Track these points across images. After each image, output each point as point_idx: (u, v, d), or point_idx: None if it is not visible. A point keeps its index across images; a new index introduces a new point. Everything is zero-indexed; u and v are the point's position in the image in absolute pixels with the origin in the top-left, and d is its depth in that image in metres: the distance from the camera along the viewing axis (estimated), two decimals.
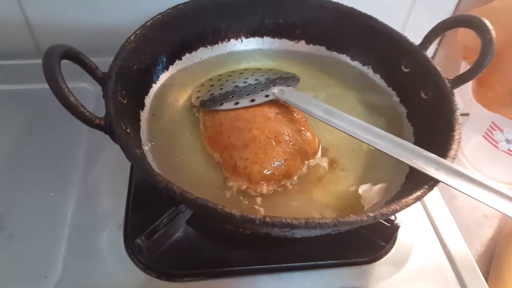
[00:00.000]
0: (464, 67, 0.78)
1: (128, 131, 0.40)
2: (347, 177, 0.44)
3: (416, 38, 0.50)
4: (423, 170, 0.36)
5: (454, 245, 0.46)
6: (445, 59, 0.77)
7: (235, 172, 0.41)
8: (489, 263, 0.61)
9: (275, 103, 0.46)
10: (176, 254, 0.43)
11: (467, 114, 0.70)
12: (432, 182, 0.35)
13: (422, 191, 0.34)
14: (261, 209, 0.40)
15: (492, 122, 0.66)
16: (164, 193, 0.35)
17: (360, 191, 0.42)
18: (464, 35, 0.55)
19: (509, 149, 0.65)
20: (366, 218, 0.31)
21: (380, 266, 0.44)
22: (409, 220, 0.48)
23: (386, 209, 0.32)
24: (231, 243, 0.44)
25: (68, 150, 0.52)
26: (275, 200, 0.41)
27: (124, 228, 0.45)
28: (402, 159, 0.37)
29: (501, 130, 0.65)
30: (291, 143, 0.43)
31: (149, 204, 0.46)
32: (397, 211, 0.33)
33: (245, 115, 0.44)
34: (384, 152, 0.38)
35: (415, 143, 0.45)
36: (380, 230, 0.44)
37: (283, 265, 0.43)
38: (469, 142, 0.70)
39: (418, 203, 0.49)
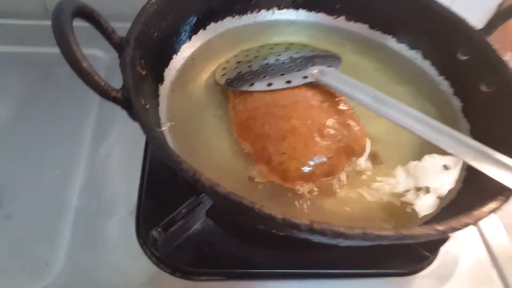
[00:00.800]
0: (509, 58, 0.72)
1: (148, 107, 0.34)
2: (390, 175, 0.38)
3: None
4: (493, 175, 0.30)
5: (505, 259, 0.41)
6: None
7: (269, 166, 0.35)
8: None
9: (318, 88, 0.40)
10: (193, 249, 0.39)
11: None
12: (507, 192, 0.29)
13: (497, 202, 0.29)
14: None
15: None
16: (189, 182, 0.29)
17: (410, 197, 0.36)
18: None
19: None
20: (434, 233, 0.26)
21: (422, 279, 0.39)
22: None
23: (457, 222, 0.27)
24: (256, 241, 0.39)
25: (76, 122, 0.47)
26: (311, 202, 0.36)
27: (136, 215, 0.40)
28: (470, 162, 0.31)
29: None
30: (337, 138, 0.37)
31: (166, 190, 0.42)
32: (469, 224, 0.27)
33: (284, 100, 0.38)
34: (449, 152, 0.32)
35: None
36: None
37: (313, 271, 0.38)
38: None
39: None
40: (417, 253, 0.40)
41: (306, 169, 0.35)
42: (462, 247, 0.42)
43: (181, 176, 0.29)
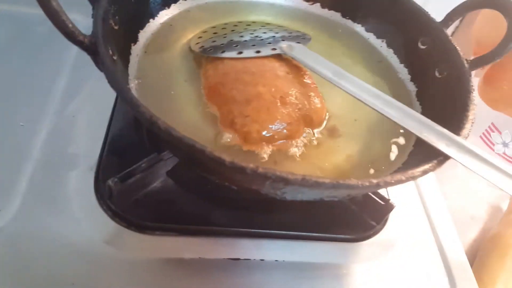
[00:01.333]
0: None
1: (115, 58, 0.35)
2: (346, 147, 0.40)
3: (435, 16, 0.47)
4: (434, 144, 0.33)
5: (444, 233, 0.44)
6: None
7: (232, 128, 0.37)
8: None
9: (286, 61, 0.43)
10: (151, 205, 0.40)
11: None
12: (441, 158, 0.32)
13: (430, 165, 0.31)
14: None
15: (492, 123, 0.64)
16: (146, 131, 0.30)
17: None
18: (479, 29, 0.52)
19: (504, 153, 0.64)
20: (368, 184, 0.28)
21: (367, 246, 0.41)
22: (402, 202, 0.45)
23: (391, 177, 0.29)
24: (213, 201, 0.41)
25: (49, 79, 0.47)
26: (266, 163, 0.37)
27: (96, 171, 0.41)
28: (412, 130, 0.34)
29: (500, 132, 0.63)
30: (298, 107, 0.39)
31: (128, 147, 0.43)
32: (402, 181, 0.29)
33: (253, 68, 0.40)
34: (394, 121, 0.35)
35: None
36: (373, 208, 0.41)
37: (266, 231, 0.40)
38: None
39: (413, 185, 0.46)
40: (365, 222, 0.42)
41: (266, 132, 0.37)
42: (406, 220, 0.44)
43: (140, 125, 0.30)
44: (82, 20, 0.53)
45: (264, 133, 0.37)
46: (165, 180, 0.41)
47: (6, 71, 0.47)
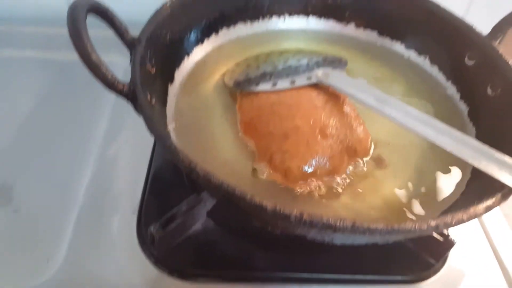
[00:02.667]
0: None
1: (154, 103, 0.36)
2: (395, 179, 0.38)
3: (480, 26, 0.44)
4: (495, 175, 0.30)
5: None
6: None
7: (271, 165, 0.36)
8: None
9: (323, 89, 0.41)
10: (193, 249, 0.39)
11: None
12: (506, 190, 0.29)
13: (493, 200, 0.28)
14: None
15: None
16: (186, 175, 0.30)
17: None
18: None
19: None
20: (426, 227, 0.26)
21: (427, 287, 0.38)
22: (464, 237, 0.41)
23: (451, 217, 0.26)
24: (256, 243, 0.39)
25: (90, 123, 0.48)
26: (312, 200, 0.36)
27: (138, 214, 0.41)
28: (469, 160, 0.31)
29: None
30: (339, 139, 0.37)
31: (169, 190, 0.42)
32: (463, 221, 0.27)
33: (289, 100, 0.39)
34: (448, 150, 0.32)
35: None
36: (431, 245, 0.37)
37: (314, 275, 0.38)
38: None
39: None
40: (422, 260, 0.38)
41: (307, 168, 0.35)
42: (470, 254, 0.40)
43: (180, 168, 0.30)
44: (119, 61, 0.55)
45: (305, 168, 0.35)
46: (206, 222, 0.40)
47: (48, 117, 0.49)
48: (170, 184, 0.43)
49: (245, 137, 0.40)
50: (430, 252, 0.38)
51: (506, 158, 0.30)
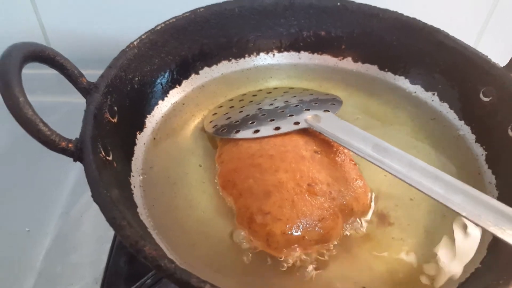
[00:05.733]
0: None
1: (110, 158, 0.30)
2: (402, 240, 0.32)
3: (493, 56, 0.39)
4: None
5: None
6: None
7: (251, 229, 0.30)
8: None
9: (313, 136, 0.36)
10: None
11: None
12: None
13: None
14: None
15: None
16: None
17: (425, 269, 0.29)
18: None
19: None
20: None
21: None
22: None
23: None
24: None
25: (55, 178, 0.44)
26: (304, 270, 0.30)
27: (101, 283, 0.35)
28: (489, 228, 0.25)
29: None
30: (331, 196, 0.31)
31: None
32: None
33: (272, 150, 0.34)
34: (463, 215, 0.26)
35: (499, 199, 0.33)
36: None
37: None
38: None
39: None
40: None
41: (294, 233, 0.29)
42: None
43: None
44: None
45: (290, 233, 0.29)
46: None
47: (11, 174, 0.45)
48: None
49: (223, 193, 0.34)
50: None
51: None
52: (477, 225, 0.25)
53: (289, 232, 0.29)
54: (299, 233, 0.29)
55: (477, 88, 0.39)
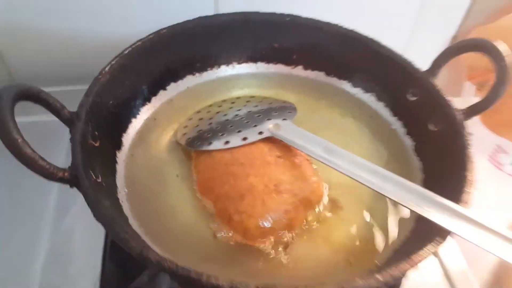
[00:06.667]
0: (468, 87, 0.75)
1: (100, 180, 0.35)
2: (351, 220, 0.39)
3: (419, 61, 0.46)
4: (435, 220, 0.31)
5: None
6: (448, 79, 0.73)
7: (230, 226, 0.36)
8: None
9: (275, 142, 0.41)
10: None
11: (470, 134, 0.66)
12: (444, 233, 0.30)
13: (434, 243, 0.30)
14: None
15: (497, 145, 0.63)
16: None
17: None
18: (469, 54, 0.51)
19: None
20: (375, 283, 0.27)
21: None
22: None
23: (397, 269, 0.28)
24: None
25: (37, 196, 0.47)
26: (276, 254, 0.36)
27: (100, 286, 0.39)
28: (412, 207, 0.32)
29: (506, 153, 0.62)
30: (293, 193, 0.38)
31: (129, 259, 0.41)
32: (408, 269, 0.28)
33: (242, 158, 0.39)
34: (392, 198, 0.34)
35: (424, 182, 0.42)
36: None
37: None
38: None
39: None
40: None
41: (265, 225, 0.36)
42: (423, 279, 0.42)
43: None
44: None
45: (262, 226, 0.36)
46: (171, 285, 0.40)
47: None
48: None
49: (203, 198, 0.39)
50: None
51: (445, 201, 0.32)
52: (403, 205, 0.33)
53: (261, 226, 0.35)
54: (269, 225, 0.36)
55: (405, 89, 0.46)
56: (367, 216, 0.39)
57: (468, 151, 0.37)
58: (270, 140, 0.41)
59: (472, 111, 0.40)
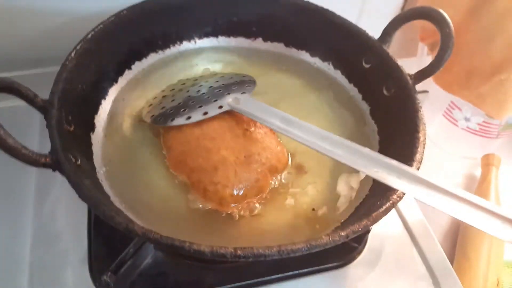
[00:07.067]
0: (421, 46, 0.79)
1: (79, 162, 0.37)
2: (316, 183, 0.43)
3: (372, 31, 0.49)
4: (384, 181, 0.34)
5: (422, 236, 0.47)
6: (402, 40, 0.77)
7: (206, 196, 0.39)
8: (453, 241, 0.63)
9: (242, 116, 0.43)
10: (148, 283, 0.41)
11: (426, 92, 0.70)
12: (400, 192, 0.35)
13: (391, 202, 0.34)
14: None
15: (451, 101, 0.67)
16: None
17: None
18: None
19: (468, 127, 0.67)
20: (338, 238, 0.31)
21: (355, 268, 0.44)
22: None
23: (358, 225, 0.32)
24: (204, 263, 0.43)
25: (17, 180, 0.48)
26: (248, 219, 0.40)
27: (88, 261, 0.42)
28: (361, 169, 0.35)
29: (460, 109, 0.66)
30: (262, 162, 0.41)
31: (113, 231, 0.43)
32: (369, 226, 0.32)
33: (212, 133, 0.42)
34: (343, 162, 0.36)
35: (380, 143, 0.46)
36: None
37: (260, 279, 0.42)
38: (429, 121, 0.72)
39: None
40: (347, 246, 0.45)
41: (238, 193, 0.39)
42: (386, 232, 0.47)
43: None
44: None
45: (235, 194, 0.39)
46: (155, 254, 0.43)
47: None
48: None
49: (176, 172, 0.42)
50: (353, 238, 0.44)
51: (393, 162, 0.35)
52: (355, 168, 0.36)
53: (235, 194, 0.39)
54: (242, 192, 0.39)
55: (359, 57, 0.49)
56: (330, 178, 0.43)
57: (420, 114, 0.41)
58: (237, 114, 0.44)
59: (422, 75, 0.44)
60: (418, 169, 0.36)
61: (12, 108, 0.48)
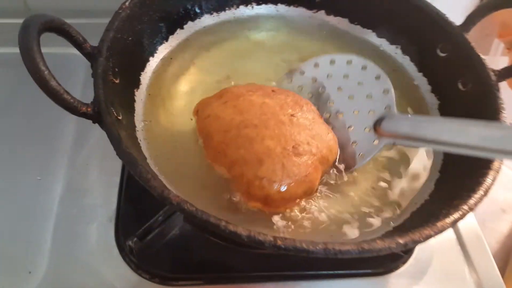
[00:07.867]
0: (496, 45, 0.71)
1: (120, 117, 0.34)
2: (366, 178, 0.39)
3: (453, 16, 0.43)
4: None
5: (477, 255, 0.42)
6: (476, 36, 0.69)
7: (249, 193, 0.34)
8: (504, 261, 0.58)
9: (284, 100, 0.38)
10: (172, 254, 0.40)
11: None
12: (471, 202, 0.30)
13: (460, 213, 0.29)
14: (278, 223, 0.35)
15: None
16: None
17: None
18: (503, 11, 0.48)
19: None
20: (395, 246, 0.27)
21: (396, 278, 0.40)
22: None
23: (419, 235, 0.28)
24: (235, 245, 0.40)
25: (56, 127, 0.47)
26: (294, 215, 0.36)
27: (115, 222, 0.41)
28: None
29: None
30: (312, 153, 0.35)
31: (144, 195, 0.42)
32: (432, 236, 0.28)
33: (254, 120, 0.36)
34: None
35: None
36: None
37: (289, 273, 0.39)
38: None
39: None
40: (391, 253, 0.40)
41: (286, 190, 0.34)
42: (436, 244, 0.43)
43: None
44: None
45: (284, 191, 0.34)
46: (183, 226, 0.41)
47: (13, 119, 0.47)
48: (146, 189, 0.42)
49: (213, 163, 0.36)
50: None
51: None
52: None
53: (283, 190, 0.34)
54: (292, 189, 0.34)
55: (435, 43, 0.44)
56: (383, 175, 0.39)
57: (501, 116, 0.35)
58: (277, 96, 0.38)
59: (507, 72, 0.38)
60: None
61: (58, 55, 0.46)
